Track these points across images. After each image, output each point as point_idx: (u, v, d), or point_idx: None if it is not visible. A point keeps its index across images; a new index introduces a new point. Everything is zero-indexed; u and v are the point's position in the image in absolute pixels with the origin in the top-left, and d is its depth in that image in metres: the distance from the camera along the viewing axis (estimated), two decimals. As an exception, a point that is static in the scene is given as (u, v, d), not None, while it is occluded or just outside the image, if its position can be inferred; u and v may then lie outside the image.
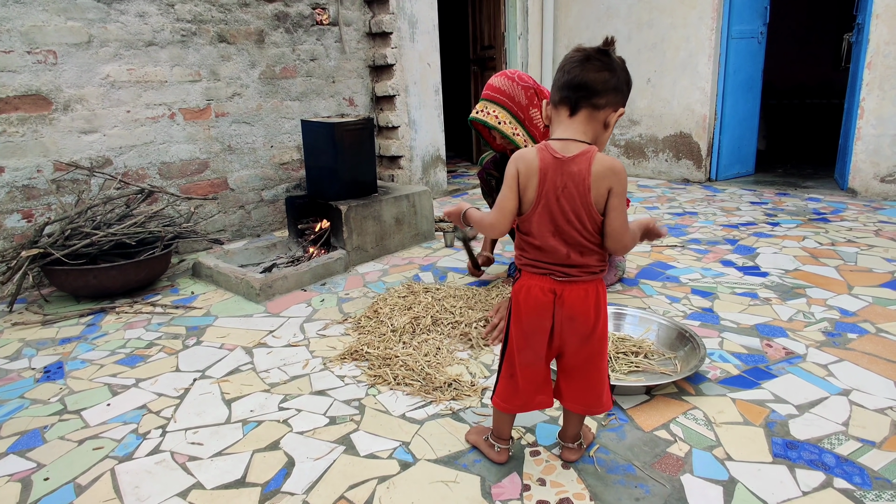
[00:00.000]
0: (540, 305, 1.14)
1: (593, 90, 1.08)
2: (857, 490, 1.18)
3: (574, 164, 1.08)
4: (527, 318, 1.16)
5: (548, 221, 1.11)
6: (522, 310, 1.16)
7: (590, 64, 1.08)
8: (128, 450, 1.41)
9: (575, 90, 1.08)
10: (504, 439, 1.30)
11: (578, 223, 1.09)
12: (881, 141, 3.57)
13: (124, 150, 2.82)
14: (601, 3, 4.65)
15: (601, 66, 1.08)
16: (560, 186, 1.08)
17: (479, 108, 2.04)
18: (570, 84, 1.09)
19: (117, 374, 1.79)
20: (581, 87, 1.08)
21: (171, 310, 2.29)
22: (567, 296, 1.13)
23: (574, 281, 1.13)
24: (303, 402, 1.59)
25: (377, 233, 2.84)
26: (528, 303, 1.16)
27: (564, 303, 1.13)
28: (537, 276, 1.15)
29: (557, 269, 1.13)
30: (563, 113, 1.12)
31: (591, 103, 1.08)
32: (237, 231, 3.32)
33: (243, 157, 3.29)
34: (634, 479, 1.24)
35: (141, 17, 2.78)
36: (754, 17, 4.21)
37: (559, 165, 1.08)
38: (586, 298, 1.14)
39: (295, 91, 3.46)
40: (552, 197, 1.09)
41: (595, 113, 1.09)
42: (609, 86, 1.08)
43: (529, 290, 1.15)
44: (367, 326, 2.00)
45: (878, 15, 3.43)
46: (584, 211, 1.09)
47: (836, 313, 2.00)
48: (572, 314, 1.14)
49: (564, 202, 1.08)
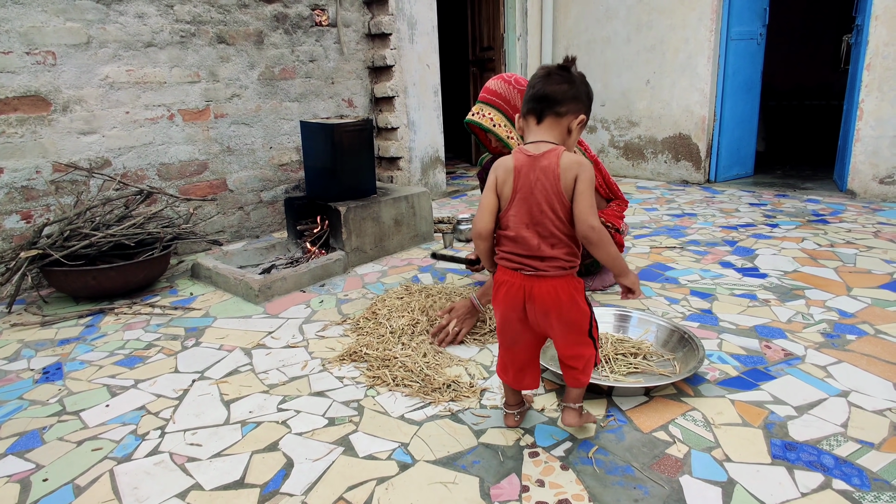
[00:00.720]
0: (511, 299, 1.27)
1: (554, 100, 1.25)
2: (856, 491, 1.18)
3: (544, 159, 1.23)
4: (502, 310, 1.31)
5: (524, 213, 1.24)
6: (498, 301, 1.31)
7: (550, 78, 1.26)
8: (127, 451, 1.41)
9: (539, 101, 1.26)
10: (510, 405, 1.43)
11: (551, 212, 1.22)
12: (880, 142, 3.57)
13: (123, 151, 2.82)
14: (600, 5, 4.65)
15: (560, 79, 1.26)
16: (534, 180, 1.23)
17: (475, 111, 2.04)
18: (535, 97, 1.27)
19: (116, 375, 1.79)
20: (544, 98, 1.25)
21: (169, 311, 2.29)
22: (536, 292, 1.24)
23: (542, 276, 1.24)
24: (301, 403, 1.59)
25: (376, 234, 2.84)
26: (500, 296, 1.29)
27: (535, 298, 1.25)
28: (509, 272, 1.28)
29: (527, 262, 1.25)
30: (531, 122, 1.29)
31: (554, 111, 1.25)
32: (236, 232, 3.32)
33: (242, 159, 3.29)
34: (633, 480, 1.24)
35: (140, 18, 2.78)
36: (753, 18, 4.22)
37: (532, 162, 1.24)
38: (556, 294, 1.24)
39: (294, 92, 3.46)
40: (527, 190, 1.23)
41: (559, 119, 1.26)
42: (568, 95, 1.25)
43: (501, 285, 1.29)
44: (366, 328, 2.00)
45: (878, 16, 3.44)
46: (555, 199, 1.22)
47: (835, 315, 2.01)
48: (545, 310, 1.25)
49: (538, 194, 1.22)
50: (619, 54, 4.65)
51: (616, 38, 4.63)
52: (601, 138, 4.93)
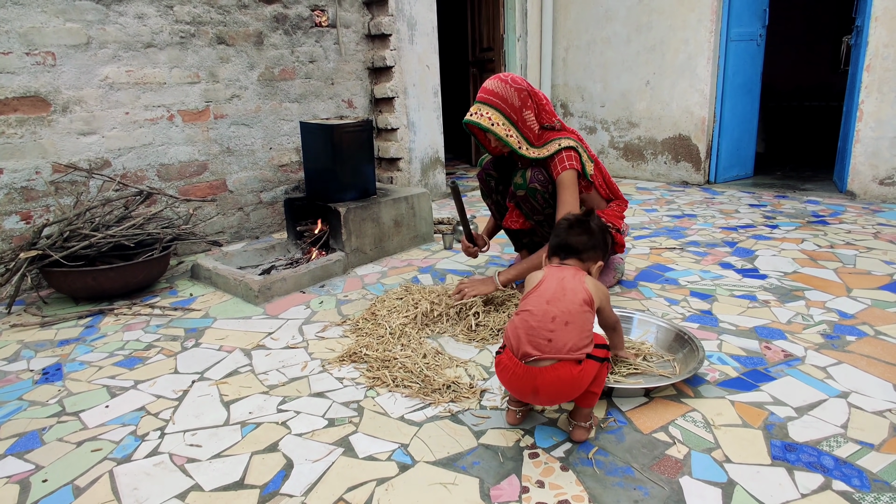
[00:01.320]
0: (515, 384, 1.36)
1: (576, 249, 1.48)
2: (856, 492, 1.18)
3: (564, 271, 1.44)
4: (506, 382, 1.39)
5: (548, 292, 1.38)
6: (499, 374, 1.40)
7: (572, 230, 1.49)
8: (126, 451, 1.40)
9: (562, 249, 1.49)
10: (513, 402, 1.45)
11: (574, 300, 1.36)
12: (880, 143, 3.57)
13: (123, 151, 2.82)
14: (600, 6, 4.66)
15: (581, 231, 1.49)
16: (560, 277, 1.42)
17: (473, 111, 2.04)
18: (559, 245, 1.50)
19: (116, 375, 1.79)
20: (567, 246, 1.49)
21: (169, 311, 2.29)
22: (540, 384, 1.30)
23: (545, 364, 1.29)
24: (301, 403, 1.59)
25: (376, 235, 2.84)
26: (504, 378, 1.38)
27: (539, 392, 1.32)
28: (514, 359, 1.34)
29: (535, 339, 1.32)
30: (555, 261, 1.51)
31: (577, 257, 1.48)
32: (236, 233, 3.32)
33: (242, 159, 3.29)
34: (633, 481, 1.24)
35: (140, 18, 2.79)
36: (753, 19, 4.23)
37: (556, 269, 1.46)
38: (561, 382, 1.29)
39: (294, 93, 3.46)
40: (553, 280, 1.42)
41: (581, 262, 1.48)
42: (588, 246, 1.48)
43: (504, 369, 1.38)
44: (366, 328, 2.00)
45: (877, 17, 3.44)
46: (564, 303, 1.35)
47: (835, 316, 2.01)
48: (552, 399, 1.36)
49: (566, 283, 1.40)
50: (618, 55, 4.65)
51: (616, 39, 4.63)
52: (601, 139, 4.93)
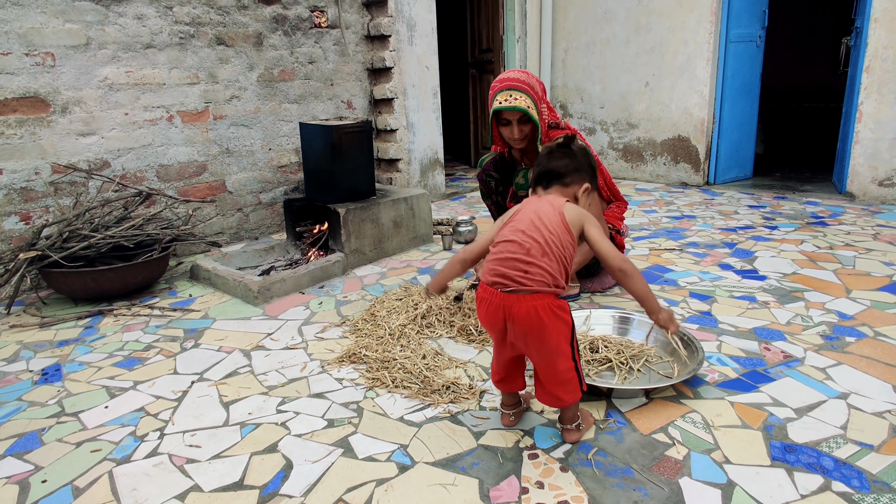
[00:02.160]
0: (491, 315, 1.30)
1: (558, 173, 1.39)
2: (856, 493, 1.18)
3: (546, 201, 1.36)
4: (484, 321, 1.34)
5: (522, 223, 1.32)
6: (480, 317, 1.36)
7: (553, 156, 1.40)
8: (126, 452, 1.40)
9: (545, 176, 1.41)
10: (506, 405, 1.45)
11: (549, 224, 1.29)
12: (879, 145, 3.58)
13: (122, 152, 2.82)
14: (599, 7, 4.66)
15: (562, 155, 1.40)
16: (538, 206, 1.34)
17: (504, 98, 1.98)
18: (540, 173, 1.41)
19: (115, 376, 1.79)
20: (549, 172, 1.40)
21: (168, 312, 2.29)
22: (516, 313, 1.25)
23: (520, 292, 1.25)
24: (301, 404, 1.59)
25: (375, 236, 2.84)
26: (482, 309, 1.32)
27: (514, 320, 1.26)
28: (488, 290, 1.30)
29: (509, 270, 1.28)
30: (539, 191, 1.43)
31: (559, 182, 1.40)
32: (235, 234, 3.32)
33: (241, 160, 3.29)
34: (633, 482, 1.24)
35: (139, 19, 2.79)
36: (753, 20, 4.23)
37: (538, 198, 1.39)
38: (535, 317, 1.24)
39: (293, 94, 3.46)
40: (529, 211, 1.34)
41: (564, 189, 1.40)
42: (570, 168, 1.39)
43: (481, 301, 1.32)
44: (365, 329, 2.00)
45: (877, 19, 3.45)
46: (555, 223, 1.30)
47: (835, 317, 2.01)
48: (524, 332, 1.26)
49: (542, 213, 1.32)
50: (618, 56, 4.66)
51: (615, 41, 4.64)
52: (600, 140, 4.93)
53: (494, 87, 2.04)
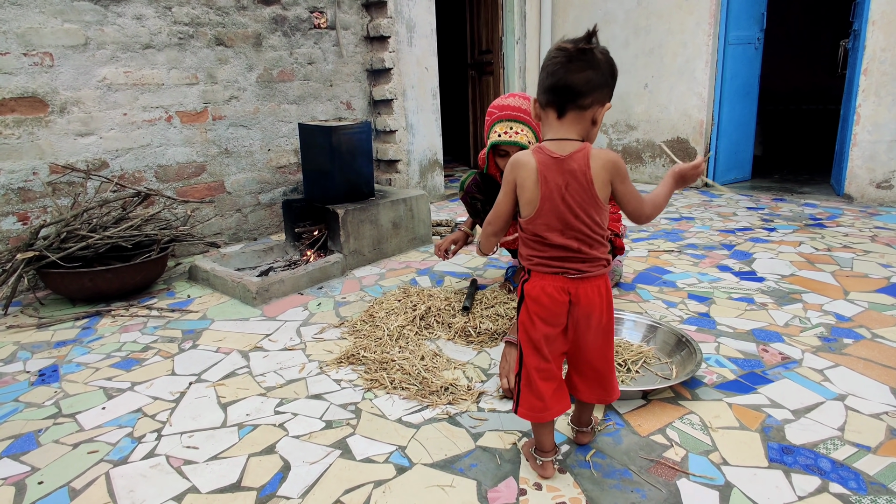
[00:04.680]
0: (556, 305, 1.15)
1: (578, 92, 1.08)
2: (853, 495, 1.18)
3: (572, 161, 1.11)
4: (542, 319, 1.16)
5: (555, 220, 1.13)
6: (538, 311, 1.16)
7: (572, 65, 1.07)
8: (123, 454, 1.40)
9: (560, 93, 1.09)
10: (545, 451, 1.25)
11: (587, 218, 1.12)
12: (877, 147, 3.59)
13: (121, 152, 2.82)
14: (598, 9, 4.67)
15: (584, 65, 1.07)
16: (563, 185, 1.11)
17: (504, 130, 1.90)
18: (554, 88, 1.10)
19: (112, 377, 1.79)
20: (566, 89, 1.08)
21: (167, 313, 2.28)
22: (582, 294, 1.15)
23: (587, 277, 1.15)
24: (299, 406, 1.59)
25: (374, 237, 2.84)
26: (543, 303, 1.15)
27: (580, 301, 1.15)
28: (550, 276, 1.16)
29: (571, 266, 1.15)
30: (551, 115, 1.13)
31: (577, 105, 1.10)
32: (234, 234, 3.32)
33: (240, 161, 3.29)
34: (631, 483, 1.24)
35: (138, 19, 2.78)
36: (751, 23, 4.24)
37: (558, 165, 1.11)
38: (599, 294, 1.16)
39: (292, 94, 3.46)
40: (557, 196, 1.11)
41: (582, 113, 1.11)
42: (593, 85, 1.08)
43: (543, 289, 1.15)
44: (364, 330, 2.00)
45: (875, 21, 3.46)
46: (590, 205, 1.12)
47: (832, 318, 2.01)
48: (588, 312, 1.16)
49: (571, 200, 1.11)
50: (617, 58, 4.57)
51: (614, 42, 4.64)
52: (599, 142, 4.94)
53: (493, 114, 1.96)
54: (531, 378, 1.20)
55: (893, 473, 1.23)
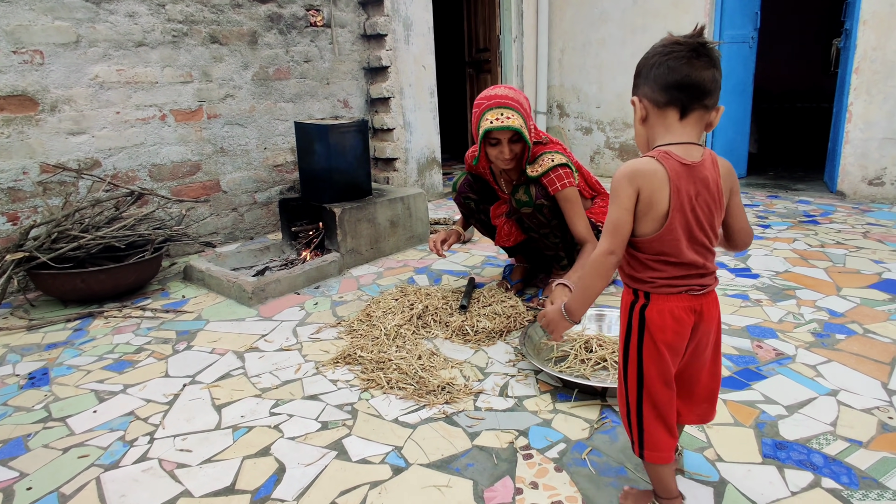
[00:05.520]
0: (684, 328, 1.03)
1: (705, 91, 0.99)
2: (845, 490, 1.18)
3: (704, 168, 1.01)
4: (670, 347, 1.03)
5: (683, 235, 1.01)
6: (666, 338, 1.03)
7: (699, 61, 0.98)
8: (114, 457, 1.39)
9: (686, 91, 0.99)
10: (674, 496, 1.12)
11: (710, 229, 1.03)
12: (869, 144, 3.61)
13: (113, 151, 2.80)
14: (595, 8, 4.67)
15: (708, 62, 0.99)
16: (693, 194, 1.00)
17: (495, 116, 1.85)
18: (680, 84, 0.99)
19: (104, 379, 1.77)
20: (693, 87, 0.98)
21: (161, 314, 2.27)
22: (706, 309, 1.05)
23: (710, 291, 1.06)
24: (294, 407, 1.58)
25: (371, 235, 2.83)
26: (671, 329, 1.02)
27: (704, 317, 1.04)
28: (674, 297, 1.03)
29: (695, 282, 1.03)
30: (671, 115, 1.02)
31: (702, 104, 1.00)
32: (230, 234, 3.30)
33: (236, 159, 3.27)
34: (626, 480, 1.24)
35: (131, 17, 2.76)
36: (745, 22, 4.25)
37: (689, 172, 0.99)
38: (717, 307, 1.08)
39: (288, 93, 3.44)
40: (687, 208, 1.00)
41: (705, 114, 1.02)
42: (717, 84, 1.00)
43: (672, 313, 1.02)
44: (360, 330, 1.99)
45: (866, 21, 3.47)
46: (717, 215, 1.03)
47: (825, 314, 2.02)
48: (710, 328, 1.06)
49: (699, 210, 1.01)
50: (613, 57, 4.67)
51: (611, 41, 4.64)
52: (597, 140, 4.95)
53: (481, 104, 1.91)
54: (662, 415, 1.06)
55: (884, 468, 1.24)
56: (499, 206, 2.29)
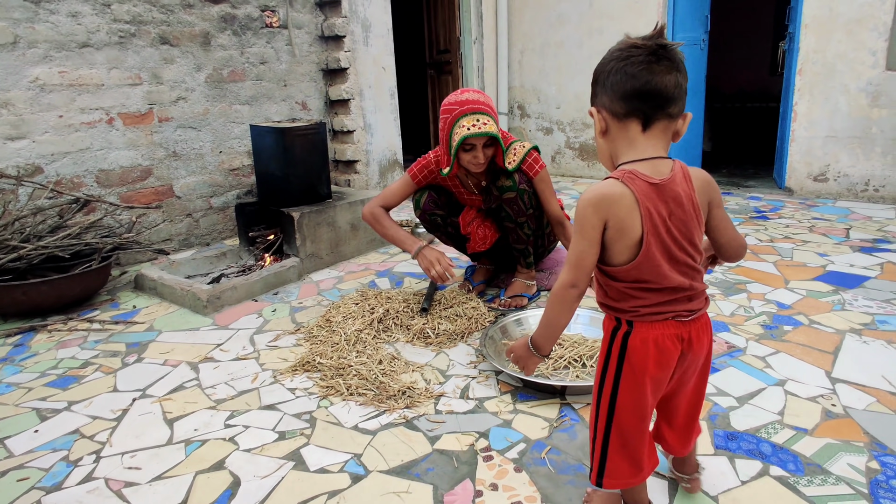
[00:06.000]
0: (670, 358, 0.96)
1: (668, 98, 0.90)
2: (791, 476, 1.23)
3: (675, 185, 0.92)
4: (653, 376, 0.96)
5: (662, 259, 0.92)
6: (647, 368, 0.95)
7: (659, 66, 0.89)
8: (57, 479, 1.32)
9: (647, 100, 0.90)
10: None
11: (691, 248, 0.95)
12: (813, 143, 3.78)
13: (57, 157, 2.67)
14: (553, 10, 4.74)
15: (670, 65, 0.89)
16: (666, 215, 0.91)
17: (472, 122, 1.86)
18: (640, 93, 0.89)
19: (47, 397, 1.68)
20: (654, 95, 0.89)
21: (109, 326, 2.17)
22: (695, 337, 0.97)
23: (698, 316, 0.98)
24: (251, 417, 1.54)
25: (332, 239, 2.78)
26: (654, 359, 0.95)
27: (692, 346, 0.97)
28: (659, 324, 0.95)
29: (682, 308, 0.95)
30: (633, 127, 0.93)
31: (666, 113, 0.91)
32: (184, 240, 3.19)
33: (190, 164, 3.17)
34: (585, 478, 1.25)
35: (73, 17, 2.64)
36: (696, 25, 4.39)
37: (659, 192, 0.91)
38: (707, 333, 1.00)
39: (244, 95, 3.36)
40: (662, 230, 0.91)
41: (670, 124, 0.93)
42: (682, 90, 0.91)
43: (656, 342, 0.94)
44: (320, 336, 1.96)
45: (807, 25, 3.64)
46: (696, 233, 0.95)
47: (774, 307, 2.10)
48: (699, 355, 0.99)
49: (675, 230, 0.93)
50: (572, 58, 4.74)
51: (569, 43, 4.72)
52: (557, 140, 5.02)
53: (452, 110, 1.90)
54: (628, 444, 1.00)
55: (828, 453, 1.29)
56: (467, 212, 2.27)
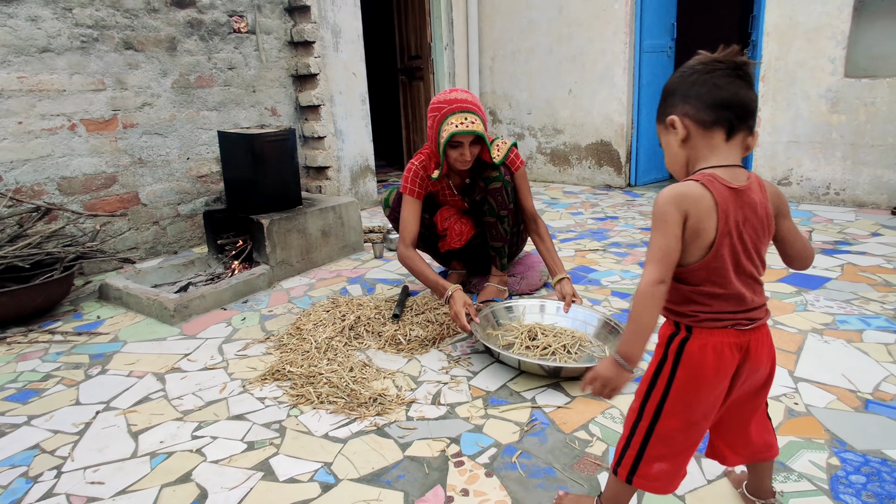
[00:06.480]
0: (727, 367, 0.95)
1: (751, 111, 0.94)
2: (754, 473, 1.26)
3: (752, 193, 0.94)
4: (708, 384, 0.95)
5: (730, 265, 0.93)
6: (703, 375, 0.94)
7: (744, 81, 0.93)
8: (16, 496, 1.27)
9: (734, 110, 0.93)
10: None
11: (758, 258, 0.96)
12: (776, 147, 3.91)
13: (16, 164, 2.58)
14: (523, 17, 4.80)
15: (750, 83, 0.95)
16: (741, 220, 0.93)
17: (460, 120, 1.88)
18: (728, 103, 0.92)
19: (6, 411, 1.62)
20: (740, 106, 0.93)
21: (72, 337, 2.11)
22: (753, 348, 0.96)
23: (759, 326, 0.97)
24: (219, 428, 1.51)
25: (302, 246, 2.76)
26: (711, 365, 0.94)
27: (750, 356, 0.96)
28: (718, 332, 0.94)
29: (742, 316, 0.95)
30: (717, 136, 0.94)
31: (747, 125, 0.95)
32: (151, 248, 3.12)
33: (156, 171, 3.10)
34: (555, 481, 1.26)
35: (33, 21, 2.56)
36: (663, 32, 4.51)
37: (737, 197, 0.92)
38: (769, 345, 1.00)
39: (212, 101, 3.31)
40: (735, 236, 0.93)
41: (747, 136, 0.96)
42: (757, 105, 0.98)
43: (714, 349, 0.93)
44: (290, 344, 1.93)
45: (769, 33, 3.77)
46: (764, 244, 0.97)
47: (738, 307, 2.16)
48: (757, 367, 0.98)
49: (746, 238, 0.94)
50: (542, 64, 4.82)
51: (539, 49, 4.79)
52: (529, 145, 5.08)
53: (441, 108, 1.93)
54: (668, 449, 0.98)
55: (791, 451, 1.33)
56: (446, 209, 2.28)
